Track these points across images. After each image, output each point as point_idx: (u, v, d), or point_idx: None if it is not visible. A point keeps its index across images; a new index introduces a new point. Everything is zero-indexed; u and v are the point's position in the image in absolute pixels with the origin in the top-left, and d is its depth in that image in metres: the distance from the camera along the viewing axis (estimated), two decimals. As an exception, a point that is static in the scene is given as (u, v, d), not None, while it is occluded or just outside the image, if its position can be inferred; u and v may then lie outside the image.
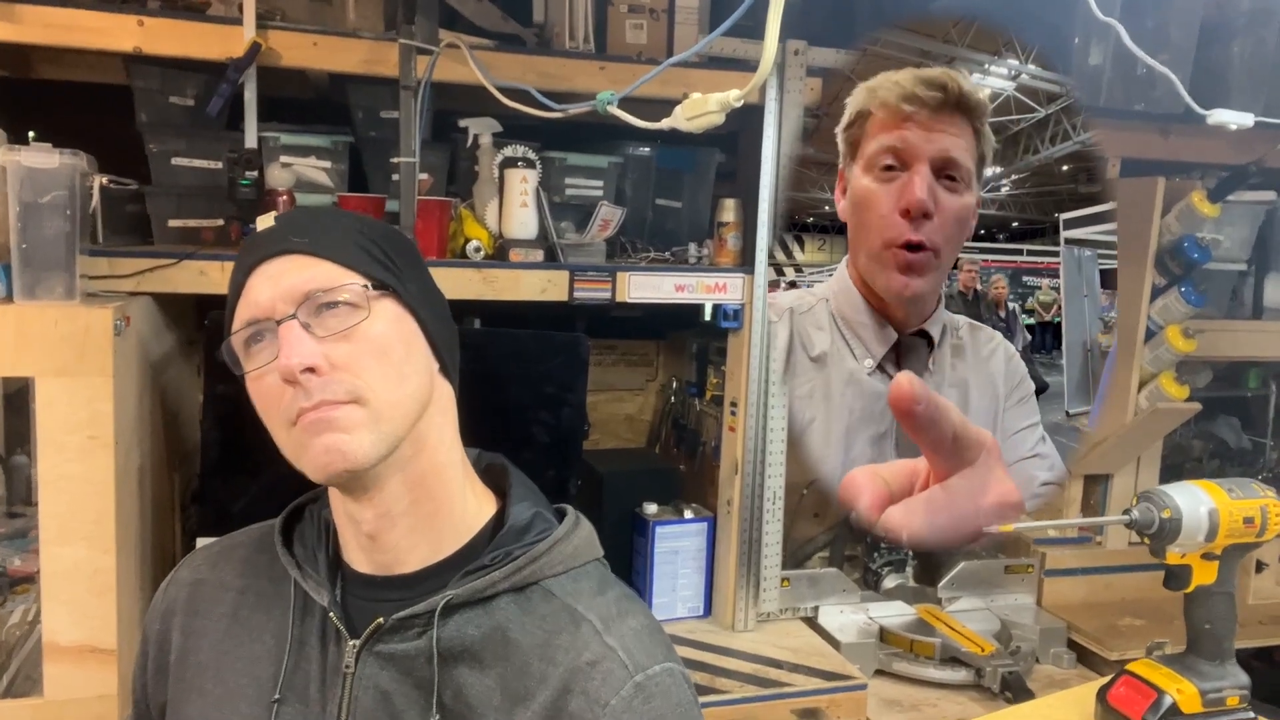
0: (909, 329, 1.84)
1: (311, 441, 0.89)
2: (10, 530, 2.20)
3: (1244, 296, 2.75)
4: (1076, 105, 2.16)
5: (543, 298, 2.09)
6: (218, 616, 1.00)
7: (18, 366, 1.59)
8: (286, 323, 0.90)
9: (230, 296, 0.96)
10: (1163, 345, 2.42)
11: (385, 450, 0.91)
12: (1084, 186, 2.23)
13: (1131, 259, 2.41)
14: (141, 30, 1.83)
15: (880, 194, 1.72)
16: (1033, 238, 2.14)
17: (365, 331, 0.91)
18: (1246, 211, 2.60)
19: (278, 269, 0.92)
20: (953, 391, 1.86)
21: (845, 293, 1.87)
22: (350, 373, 0.90)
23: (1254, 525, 1.34)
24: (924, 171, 1.69)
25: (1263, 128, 1.84)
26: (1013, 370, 1.94)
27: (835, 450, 1.95)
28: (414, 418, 0.94)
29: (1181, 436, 2.88)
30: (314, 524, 1.03)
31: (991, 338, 1.95)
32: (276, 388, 0.90)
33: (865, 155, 1.74)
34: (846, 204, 1.82)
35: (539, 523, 0.99)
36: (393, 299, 0.95)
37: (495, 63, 1.98)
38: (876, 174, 1.73)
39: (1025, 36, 2.19)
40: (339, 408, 0.89)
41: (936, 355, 1.85)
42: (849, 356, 1.84)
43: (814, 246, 2.44)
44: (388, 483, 0.93)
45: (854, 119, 1.78)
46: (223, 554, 1.06)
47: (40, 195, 1.59)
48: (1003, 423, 1.92)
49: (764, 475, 2.28)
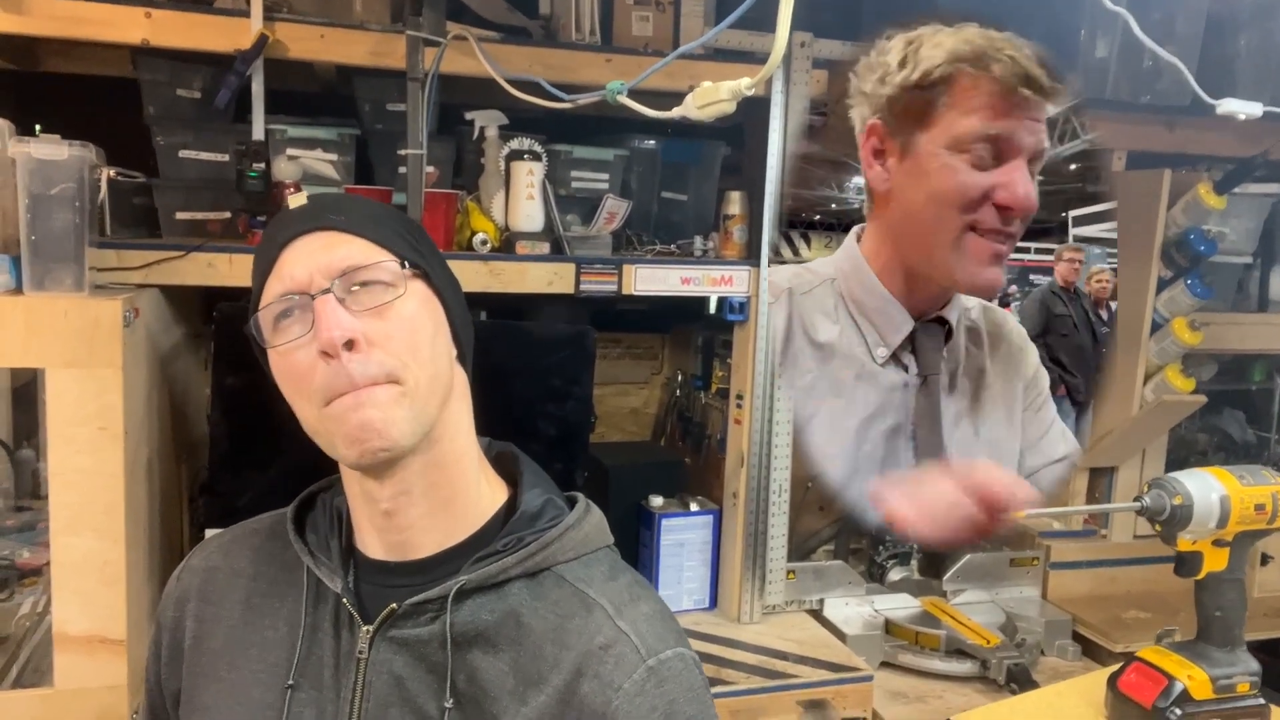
0: (926, 315, 1.67)
1: (349, 418, 0.88)
2: (18, 523, 2.21)
3: (1250, 289, 2.75)
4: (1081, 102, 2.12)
5: (549, 290, 2.09)
6: (231, 603, 1.01)
7: (27, 358, 1.60)
8: (322, 296, 0.89)
9: (259, 271, 0.96)
10: (1168, 338, 2.42)
11: (421, 431, 0.92)
12: (1091, 185, 2.22)
13: (1135, 252, 2.41)
14: (149, 22, 1.83)
15: (974, 176, 1.49)
16: (1041, 236, 2.12)
17: (399, 310, 0.91)
18: (1253, 204, 2.60)
19: (314, 244, 0.92)
20: (966, 381, 1.72)
21: (857, 273, 1.67)
22: (386, 350, 0.90)
23: (1265, 512, 1.34)
24: (1025, 167, 1.49)
25: (1270, 119, 1.84)
26: (1029, 361, 1.80)
27: (845, 447, 1.82)
28: (443, 400, 0.95)
29: (1186, 430, 2.88)
30: (326, 512, 1.04)
31: (1005, 319, 1.78)
32: (307, 364, 0.89)
33: (954, 129, 1.48)
34: (900, 175, 1.55)
35: (550, 509, 1.00)
36: (423, 280, 0.95)
37: (502, 55, 1.98)
38: (972, 155, 1.49)
39: (1028, 31, 2.19)
40: (378, 387, 0.89)
41: (951, 343, 1.73)
42: (860, 345, 1.70)
43: (820, 244, 2.43)
44: (410, 463, 0.93)
45: (937, 80, 1.50)
46: (235, 541, 1.06)
47: (49, 187, 1.59)
48: (1028, 428, 1.80)
49: (769, 468, 2.29)
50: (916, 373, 1.66)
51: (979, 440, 1.71)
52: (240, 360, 1.01)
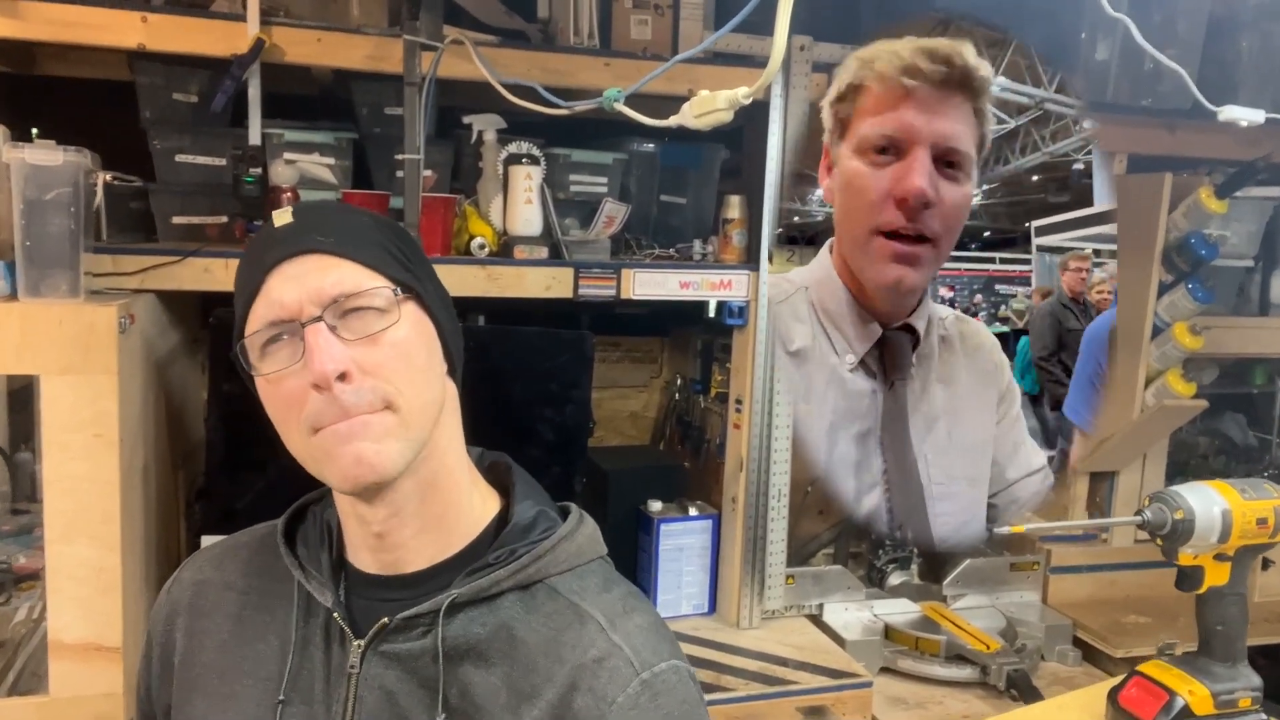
0: (893, 323, 1.73)
1: (339, 450, 0.87)
2: (15, 527, 2.20)
3: (1251, 293, 2.74)
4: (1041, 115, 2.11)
5: (547, 295, 2.08)
6: (222, 617, 1.00)
7: (22, 364, 1.59)
8: (313, 325, 0.88)
9: (243, 294, 0.93)
10: (1169, 342, 2.41)
11: (411, 457, 0.90)
12: (1053, 196, 2.21)
13: (1136, 256, 2.40)
14: (145, 26, 1.82)
15: (872, 178, 1.56)
16: (1004, 247, 2.10)
17: (392, 336, 0.90)
18: (1254, 207, 2.59)
19: (301, 269, 0.90)
20: (940, 388, 1.76)
21: (827, 283, 1.74)
22: (379, 378, 0.88)
23: (1267, 526, 1.33)
24: (923, 157, 1.54)
25: (1271, 123, 1.83)
26: (1003, 372, 1.84)
27: (817, 451, 1.85)
28: (434, 421, 0.94)
29: (1187, 434, 2.87)
30: (316, 525, 1.03)
31: (979, 330, 1.84)
32: (296, 392, 0.88)
33: (857, 135, 1.58)
34: (833, 185, 1.65)
35: (543, 521, 0.99)
36: (415, 302, 0.94)
37: (500, 59, 1.98)
38: (870, 157, 1.57)
39: (1029, 34, 2.17)
40: (372, 416, 0.88)
41: (922, 350, 1.74)
42: (830, 352, 1.73)
43: (782, 258, 2.41)
44: (401, 485, 0.92)
45: (845, 92, 1.61)
46: (225, 554, 1.06)
47: (44, 192, 1.58)
48: (1004, 438, 1.84)
49: (769, 472, 2.28)
50: (884, 379, 1.68)
51: (953, 444, 1.73)
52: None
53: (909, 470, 1.77)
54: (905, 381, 1.69)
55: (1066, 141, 2.05)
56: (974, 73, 1.53)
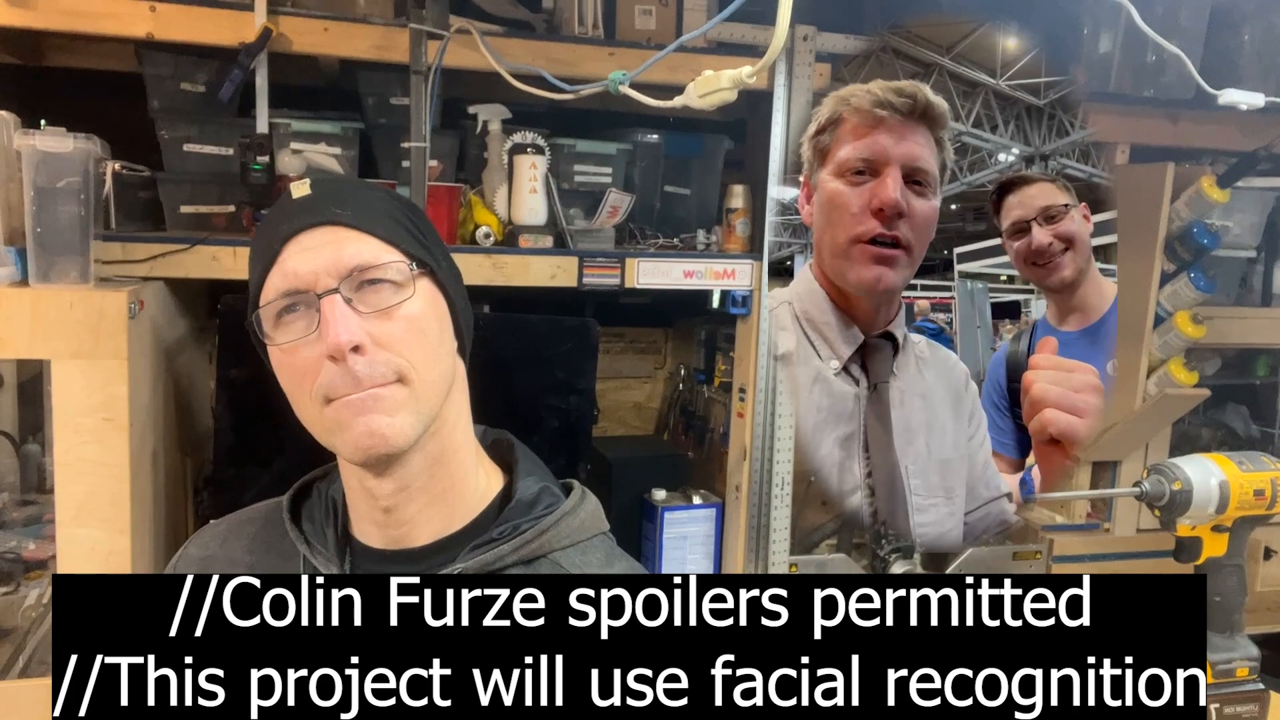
0: (874, 331, 1.88)
1: (352, 421, 0.88)
2: (24, 517, 2.22)
3: (1253, 283, 2.74)
4: (966, 148, 2.23)
5: (552, 284, 2.09)
6: (230, 591, 1.01)
7: (34, 349, 1.61)
8: (329, 297, 0.88)
9: (259, 263, 0.93)
10: (1172, 331, 2.41)
11: (421, 430, 0.91)
12: (971, 225, 2.30)
13: (1138, 245, 2.40)
14: (153, 16, 1.84)
15: (851, 195, 1.79)
16: (925, 274, 2.20)
17: (406, 310, 0.91)
18: (1256, 197, 2.59)
19: (318, 240, 0.90)
20: (917, 399, 1.90)
21: (810, 294, 1.90)
22: (393, 351, 0.89)
23: (1264, 498, 1.34)
24: (895, 174, 1.76)
25: (1272, 111, 1.84)
26: (972, 393, 1.99)
27: (802, 451, 1.99)
28: (444, 396, 0.94)
29: (1189, 424, 2.87)
30: (322, 501, 1.04)
31: (949, 355, 2.01)
32: (310, 363, 0.89)
33: (837, 160, 1.81)
34: (813, 208, 1.87)
35: (546, 496, 1.00)
36: (429, 278, 0.95)
37: (505, 48, 1.99)
38: (849, 178, 1.79)
39: (1032, 26, 2.20)
40: (384, 388, 0.88)
41: (901, 360, 1.88)
42: (814, 356, 1.88)
43: None
44: (410, 459, 0.93)
45: (824, 125, 1.85)
46: (231, 530, 1.07)
47: (54, 180, 1.60)
48: (974, 458, 1.96)
49: (772, 461, 2.29)
50: (867, 384, 1.82)
51: (931, 459, 1.87)
52: (245, 353, 1.00)
53: (892, 470, 1.88)
54: (887, 384, 1.83)
55: (984, 173, 2.18)
56: (934, 106, 1.79)
